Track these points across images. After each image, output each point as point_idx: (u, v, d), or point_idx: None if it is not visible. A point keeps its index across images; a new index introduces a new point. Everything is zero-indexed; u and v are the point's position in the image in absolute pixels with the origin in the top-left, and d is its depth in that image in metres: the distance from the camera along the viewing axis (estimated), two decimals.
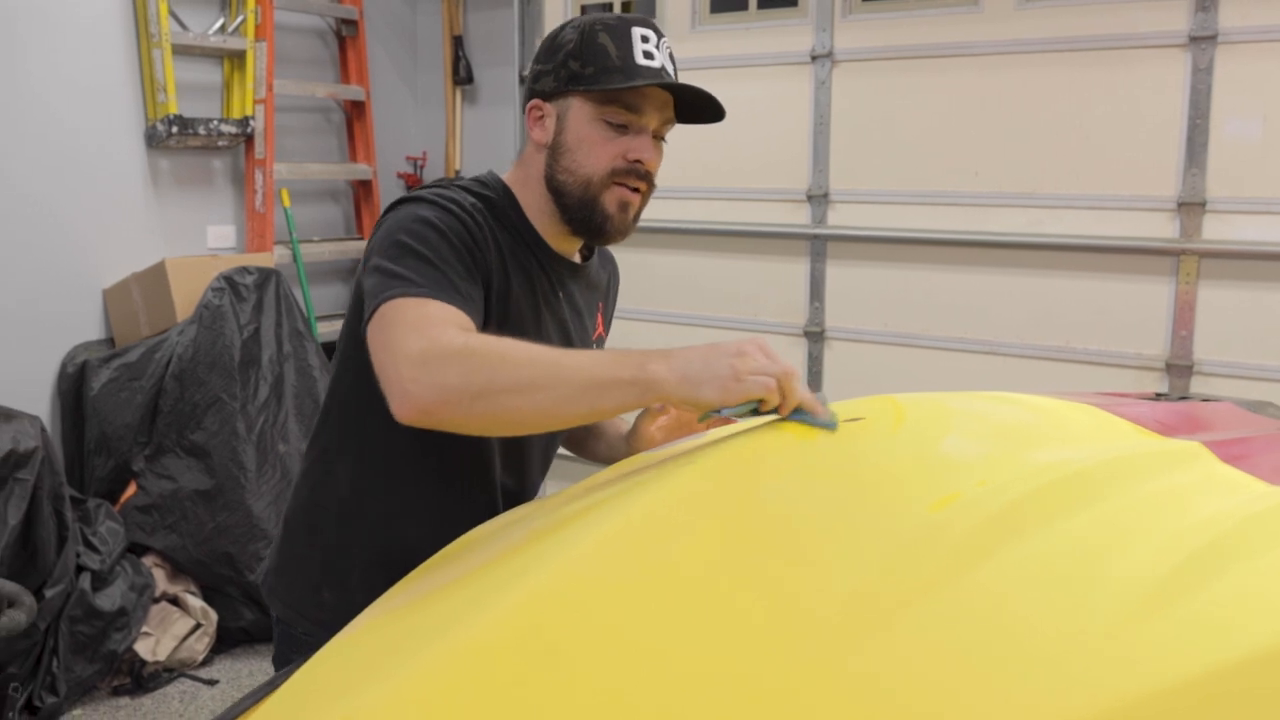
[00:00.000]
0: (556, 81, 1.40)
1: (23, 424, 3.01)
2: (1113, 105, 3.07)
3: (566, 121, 1.40)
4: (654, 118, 1.39)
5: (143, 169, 3.85)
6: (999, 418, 1.23)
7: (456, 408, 1.13)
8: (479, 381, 1.12)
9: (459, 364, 1.13)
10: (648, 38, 1.38)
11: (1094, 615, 0.81)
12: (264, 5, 4.02)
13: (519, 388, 1.12)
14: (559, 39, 1.41)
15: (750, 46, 3.69)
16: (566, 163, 1.40)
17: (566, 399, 1.12)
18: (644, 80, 1.35)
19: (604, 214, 1.41)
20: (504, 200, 1.45)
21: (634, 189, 1.41)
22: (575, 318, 1.53)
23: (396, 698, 0.73)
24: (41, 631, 2.95)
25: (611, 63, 1.36)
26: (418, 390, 1.13)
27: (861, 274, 3.57)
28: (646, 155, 1.39)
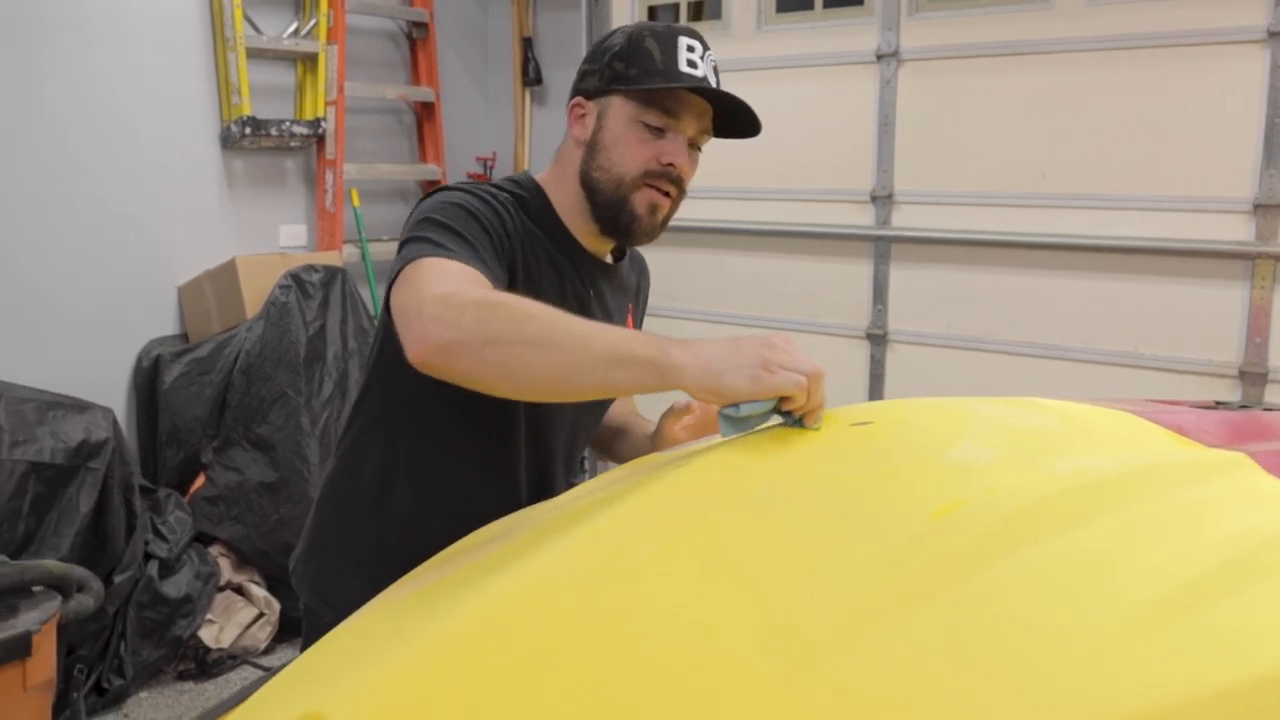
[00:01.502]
0: (600, 81, 1.43)
1: (95, 416, 3.11)
2: (1186, 103, 2.98)
3: (606, 119, 1.43)
4: (691, 124, 1.41)
5: (218, 170, 3.94)
6: (1020, 424, 1.20)
7: (469, 349, 1.12)
8: (495, 328, 1.11)
9: (479, 309, 1.13)
10: (693, 48, 1.40)
11: (1090, 628, 0.78)
12: (336, 8, 4.10)
13: (535, 342, 1.10)
14: (607, 42, 1.45)
15: (815, 46, 3.65)
16: (602, 160, 1.43)
17: (580, 365, 1.09)
18: (684, 84, 1.37)
19: (632, 214, 1.43)
20: (537, 200, 1.47)
21: (665, 192, 1.42)
22: (605, 318, 1.53)
23: (363, 693, 0.73)
24: (110, 616, 3.04)
25: (655, 66, 1.38)
26: (435, 327, 1.13)
27: (925, 276, 3.51)
28: (680, 160, 1.40)
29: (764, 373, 1.03)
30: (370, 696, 0.73)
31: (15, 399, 2.97)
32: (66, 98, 3.45)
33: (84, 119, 3.51)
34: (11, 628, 2.42)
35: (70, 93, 3.46)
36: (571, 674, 0.74)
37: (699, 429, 1.53)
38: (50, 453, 2.92)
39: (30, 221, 3.39)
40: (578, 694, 0.73)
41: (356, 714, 0.72)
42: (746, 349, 1.06)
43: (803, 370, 1.04)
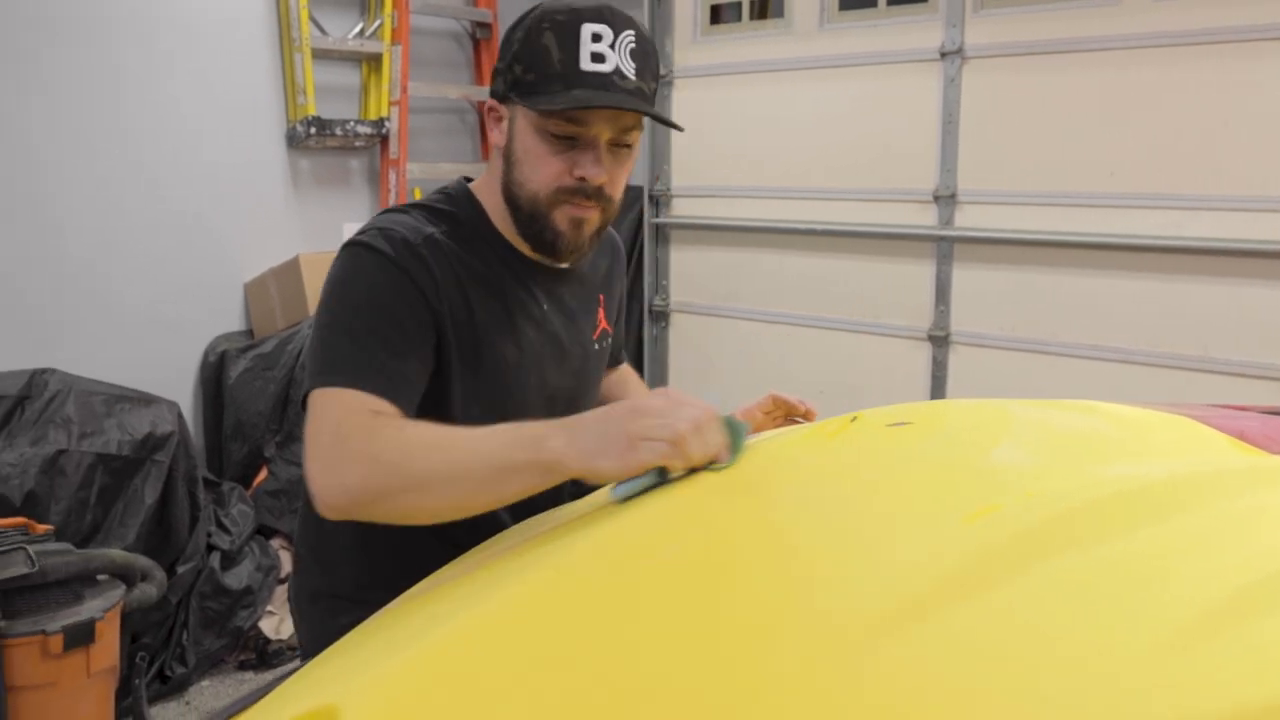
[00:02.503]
0: (504, 85, 1.30)
1: (161, 409, 3.17)
2: (1260, 100, 2.88)
3: (515, 129, 1.31)
4: (605, 129, 1.27)
5: (283, 169, 4.01)
6: (1066, 427, 1.16)
7: (363, 508, 1.11)
8: (379, 483, 1.09)
9: (360, 466, 1.10)
10: (600, 35, 1.23)
11: (1124, 640, 0.75)
12: (400, 9, 4.14)
13: (420, 487, 1.08)
14: (511, 36, 1.30)
15: (878, 44, 3.61)
16: (516, 174, 1.32)
17: (469, 493, 1.08)
18: (582, 92, 1.23)
19: (554, 231, 1.32)
20: (470, 214, 1.38)
21: (586, 205, 1.31)
22: (567, 324, 1.46)
23: (374, 687, 0.73)
24: (173, 606, 3.10)
25: (552, 68, 1.24)
26: (325, 494, 1.12)
27: (989, 277, 3.45)
28: (591, 173, 1.28)
29: (628, 451, 0.99)
30: (382, 691, 0.73)
31: (84, 392, 3.05)
32: (135, 101, 3.53)
33: (152, 122, 3.58)
34: (76, 614, 2.48)
35: (138, 96, 3.54)
36: (594, 668, 0.73)
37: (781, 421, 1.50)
38: (117, 445, 2.99)
39: (100, 223, 3.47)
40: (598, 689, 0.71)
41: (368, 707, 0.72)
42: (612, 426, 1.01)
43: (666, 436, 0.98)
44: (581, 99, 1.22)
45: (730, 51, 4.02)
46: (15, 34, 3.21)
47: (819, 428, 1.06)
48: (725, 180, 4.07)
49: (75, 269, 3.41)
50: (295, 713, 0.76)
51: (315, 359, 1.24)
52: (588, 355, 1.52)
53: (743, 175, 4.01)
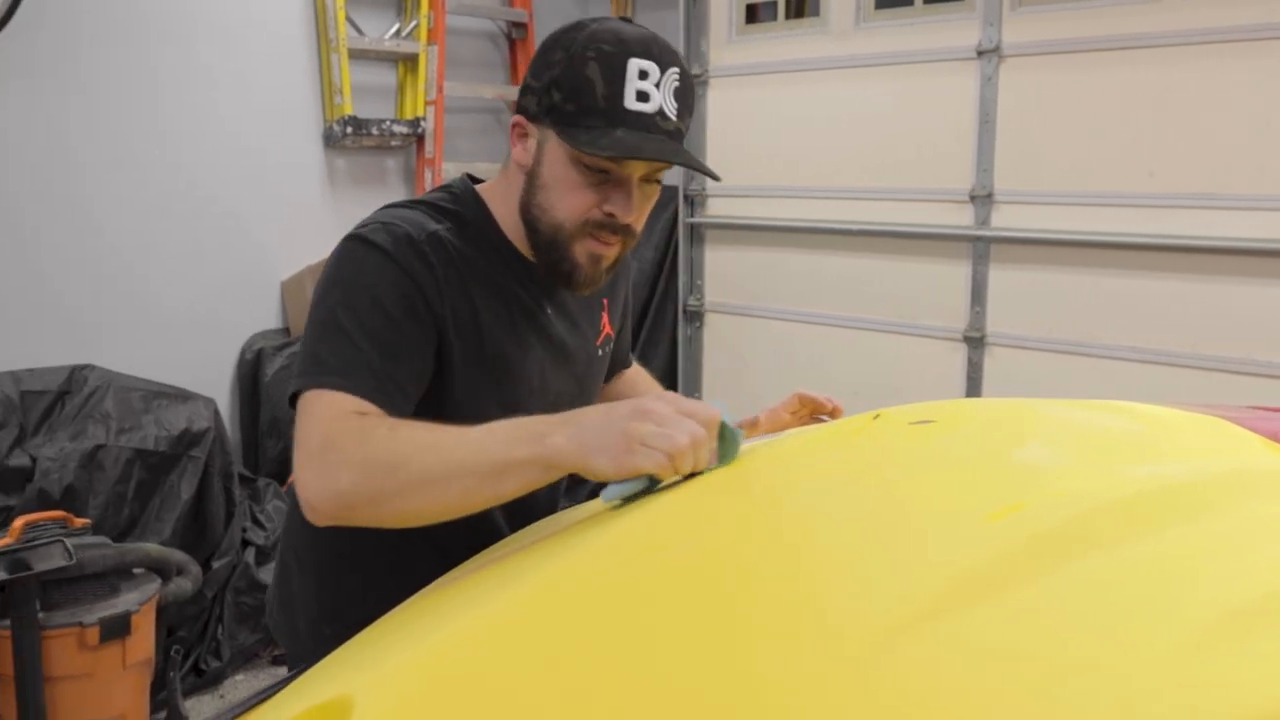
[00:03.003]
0: (539, 106, 1.26)
1: (197, 405, 3.21)
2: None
3: (544, 153, 1.27)
4: (640, 166, 1.24)
5: (320, 168, 4.04)
6: (1095, 426, 1.14)
7: (355, 513, 1.09)
8: (371, 487, 1.07)
9: (350, 470, 1.07)
10: (646, 72, 1.20)
11: (1145, 642, 0.73)
12: (436, 10, 4.16)
13: (414, 488, 1.06)
14: (550, 57, 1.25)
15: (914, 43, 3.58)
16: (540, 199, 1.28)
17: (466, 491, 1.05)
18: (625, 134, 1.20)
19: (572, 263, 1.29)
20: (476, 215, 1.35)
21: (609, 241, 1.29)
22: (571, 329, 1.45)
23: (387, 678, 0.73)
24: (208, 600, 3.14)
25: (595, 103, 1.20)
26: (316, 500, 1.10)
27: (1026, 278, 3.41)
28: (623, 210, 1.25)
29: (625, 453, 0.97)
30: (394, 683, 0.73)
31: (122, 388, 3.09)
32: (173, 102, 3.57)
33: (190, 122, 3.62)
34: (112, 607, 2.52)
35: (177, 96, 3.58)
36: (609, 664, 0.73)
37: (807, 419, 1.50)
38: (154, 440, 3.02)
39: (139, 223, 3.51)
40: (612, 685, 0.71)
41: (381, 697, 0.73)
42: (615, 423, 0.99)
43: (664, 447, 0.96)
44: (625, 145, 1.19)
45: (765, 51, 4.00)
46: (55, 35, 3.26)
47: (840, 425, 1.05)
48: (760, 180, 4.05)
49: (114, 268, 3.45)
50: (309, 704, 0.76)
51: (306, 357, 1.20)
52: (590, 360, 1.50)
53: (778, 175, 3.99)
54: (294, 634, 1.50)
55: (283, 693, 0.85)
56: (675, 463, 0.96)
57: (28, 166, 3.23)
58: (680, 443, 0.96)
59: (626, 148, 1.19)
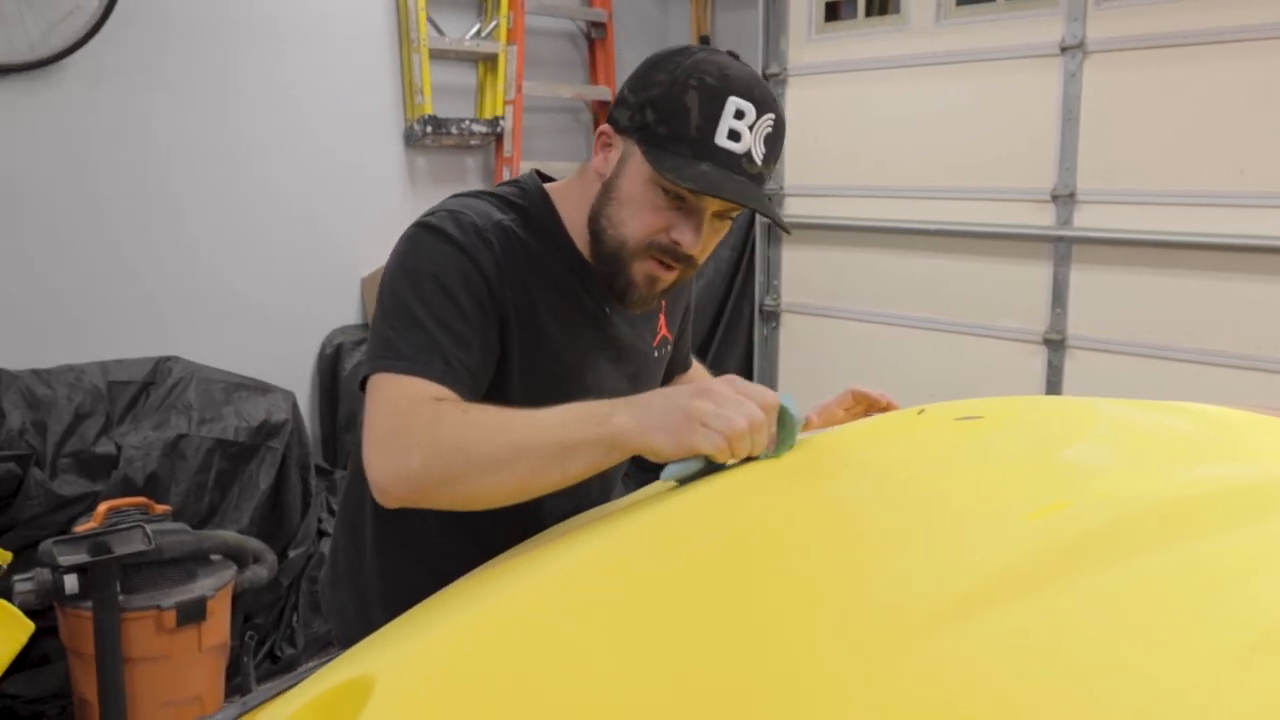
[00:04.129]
0: (630, 121, 1.27)
1: (276, 398, 3.28)
2: None
3: (625, 167, 1.28)
4: (715, 202, 1.24)
5: (401, 167, 4.11)
6: (1155, 426, 1.11)
7: (426, 495, 1.11)
8: (441, 469, 1.09)
9: (421, 452, 1.09)
10: (743, 112, 1.20)
11: (1183, 648, 0.70)
12: (516, 10, 4.20)
13: (483, 469, 1.08)
14: (652, 76, 1.26)
15: (996, 39, 3.51)
16: (611, 212, 1.29)
17: (534, 472, 1.07)
18: (710, 169, 1.20)
19: (629, 281, 1.30)
20: (542, 212, 1.37)
21: (669, 265, 1.29)
22: (628, 329, 1.45)
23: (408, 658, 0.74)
24: (284, 589, 3.21)
25: (687, 131, 1.21)
26: (386, 482, 1.12)
27: (1109, 279, 3.32)
28: (688, 240, 1.25)
29: (684, 432, 0.99)
30: (416, 661, 0.74)
31: (205, 380, 3.17)
32: (257, 101, 3.66)
33: (274, 121, 3.71)
34: (189, 592, 2.59)
35: (261, 96, 3.67)
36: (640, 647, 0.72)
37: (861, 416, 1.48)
38: (234, 431, 3.10)
39: (224, 221, 3.61)
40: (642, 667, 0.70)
41: (402, 676, 0.73)
42: (677, 404, 1.02)
43: (722, 429, 0.98)
44: (707, 180, 1.19)
45: (845, 49, 3.96)
46: (144, 38, 3.37)
47: (883, 420, 1.03)
48: (838, 179, 4.01)
49: (199, 264, 3.55)
50: (333, 683, 0.77)
51: (376, 343, 1.23)
52: (645, 361, 1.50)
53: (856, 174, 3.95)
54: (343, 616, 1.52)
55: (313, 676, 0.87)
56: (732, 444, 0.98)
57: (118, 166, 3.34)
58: (738, 424, 0.97)
59: (709, 183, 1.19)
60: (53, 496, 2.75)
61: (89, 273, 3.30)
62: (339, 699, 0.75)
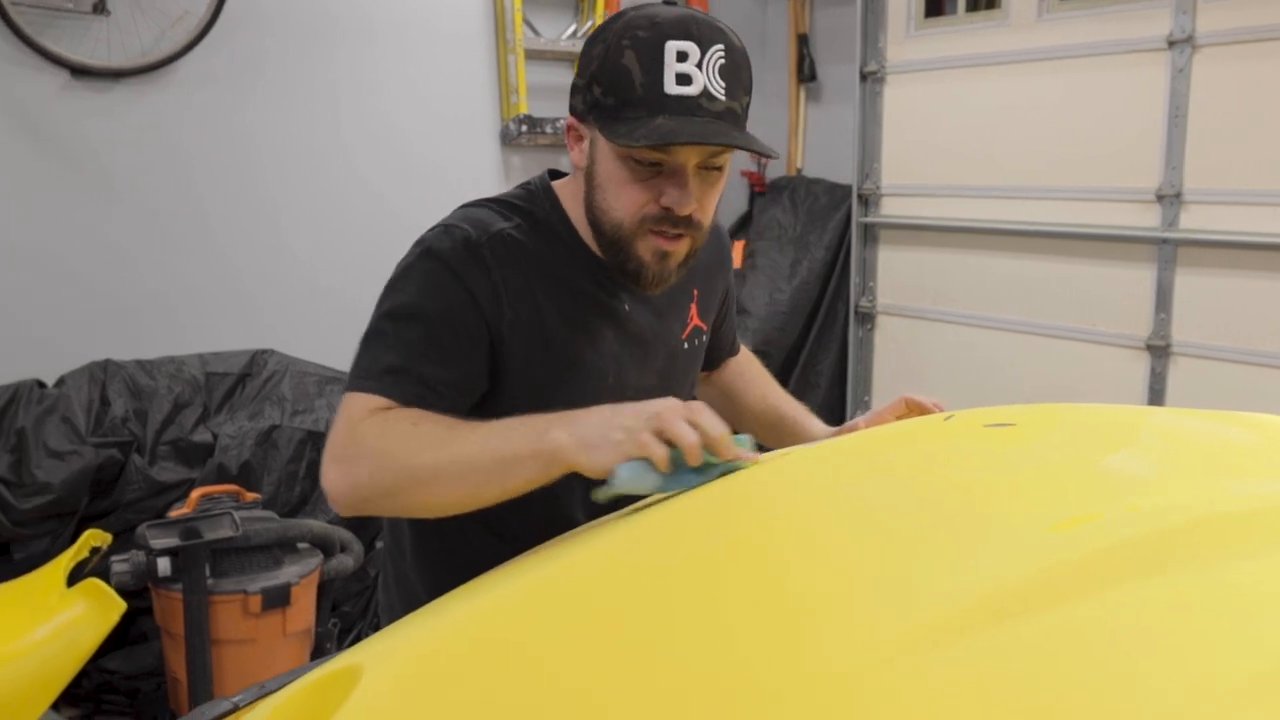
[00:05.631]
0: (584, 105, 1.23)
1: None
2: None
3: (595, 152, 1.24)
4: (692, 155, 1.19)
5: (496, 165, 4.17)
6: (1205, 438, 1.05)
7: (373, 504, 1.14)
8: (386, 480, 1.11)
9: (369, 462, 1.12)
10: (685, 53, 1.16)
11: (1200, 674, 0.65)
12: (612, 9, 4.22)
13: (424, 481, 1.10)
14: (590, 52, 1.23)
15: (1100, 34, 3.39)
16: (598, 199, 1.25)
17: (474, 486, 1.09)
18: (666, 120, 1.15)
19: (638, 261, 1.26)
20: (550, 213, 1.34)
21: (673, 236, 1.24)
22: (652, 322, 1.40)
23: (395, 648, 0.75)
24: (371, 578, 3.28)
25: (633, 93, 1.16)
26: (336, 492, 1.15)
27: (1217, 283, 3.18)
28: (678, 202, 1.20)
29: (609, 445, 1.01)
30: (401, 652, 0.75)
31: (299, 373, 3.27)
32: (354, 101, 3.76)
33: (370, 121, 3.81)
34: (274, 578, 2.66)
35: (357, 96, 3.77)
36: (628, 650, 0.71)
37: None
38: (325, 423, 3.18)
39: (319, 217, 3.72)
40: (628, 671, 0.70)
41: (388, 664, 0.74)
42: (615, 420, 1.03)
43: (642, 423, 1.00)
44: (664, 131, 1.15)
45: (944, 46, 3.88)
46: (244, 43, 3.49)
47: (908, 425, 1.00)
48: (936, 179, 3.93)
49: (295, 261, 3.67)
50: (326, 671, 0.79)
51: (356, 361, 1.25)
52: (675, 354, 1.46)
53: (954, 173, 3.86)
54: (392, 616, 1.51)
55: (313, 670, 0.89)
56: (663, 429, 0.98)
57: (219, 167, 3.47)
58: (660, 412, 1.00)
59: (662, 134, 1.15)
60: (151, 482, 2.86)
61: (190, 269, 3.43)
62: (329, 686, 0.77)
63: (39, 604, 2.37)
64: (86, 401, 2.91)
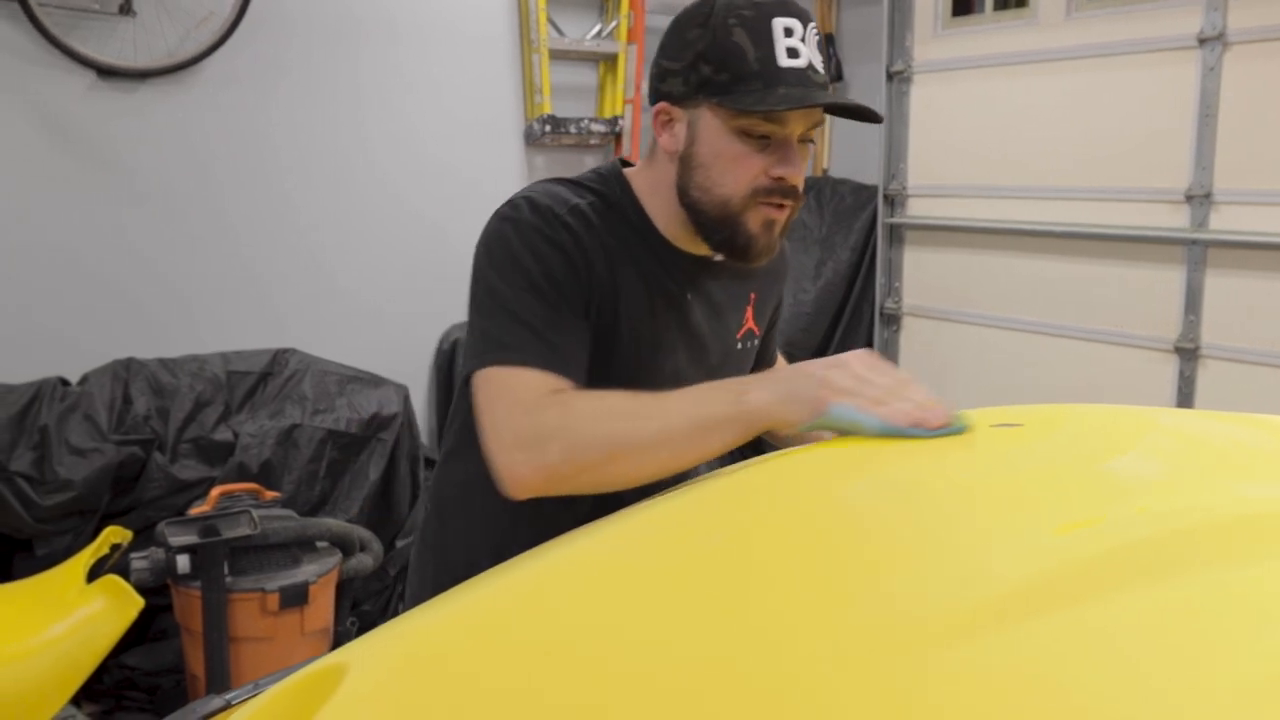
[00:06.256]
0: (686, 86, 1.26)
1: (388, 391, 3.37)
2: None
3: (699, 132, 1.27)
4: (800, 125, 1.25)
5: (520, 166, 4.17)
6: (1220, 440, 1.02)
7: (565, 483, 1.14)
8: (581, 458, 1.11)
9: (559, 442, 1.12)
10: (791, 29, 1.22)
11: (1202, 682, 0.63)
12: (637, 10, 4.21)
13: (623, 453, 1.11)
14: (687, 35, 1.26)
15: (1128, 32, 3.34)
16: (700, 179, 1.28)
17: (673, 453, 1.10)
18: (789, 90, 1.20)
19: (747, 235, 1.29)
20: (620, 197, 1.35)
21: (779, 205, 1.28)
22: (712, 317, 1.42)
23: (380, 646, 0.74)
24: (391, 578, 3.28)
25: (749, 67, 1.21)
26: (524, 473, 1.13)
27: (1248, 285, 3.12)
28: (791, 171, 1.25)
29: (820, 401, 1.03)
30: (388, 648, 0.74)
31: (320, 372, 3.28)
32: (377, 101, 3.77)
33: (394, 122, 3.82)
34: (292, 577, 2.67)
35: (381, 96, 3.78)
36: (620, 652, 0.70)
37: None
38: (345, 422, 3.19)
39: (342, 216, 3.74)
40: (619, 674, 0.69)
41: (373, 662, 0.73)
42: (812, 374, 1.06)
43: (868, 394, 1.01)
44: (791, 98, 1.19)
45: (971, 45, 3.84)
46: (266, 43, 3.50)
47: None
48: (963, 179, 3.89)
49: (318, 260, 3.69)
50: (309, 672, 0.78)
51: (476, 338, 1.24)
52: (728, 353, 1.47)
53: (981, 174, 3.82)
54: (421, 581, 1.52)
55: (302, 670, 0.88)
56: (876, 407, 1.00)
57: (243, 167, 3.49)
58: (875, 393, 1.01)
59: (797, 99, 1.20)
60: (172, 480, 2.88)
61: (213, 268, 3.45)
62: (313, 685, 0.76)
63: (58, 600, 2.39)
64: (109, 399, 2.93)
